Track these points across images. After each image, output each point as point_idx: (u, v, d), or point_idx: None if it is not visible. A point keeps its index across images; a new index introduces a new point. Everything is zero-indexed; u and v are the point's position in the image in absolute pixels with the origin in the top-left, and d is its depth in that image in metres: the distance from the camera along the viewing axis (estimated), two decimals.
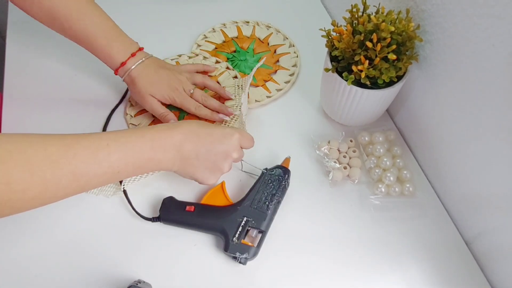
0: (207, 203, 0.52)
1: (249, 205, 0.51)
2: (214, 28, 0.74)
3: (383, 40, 0.47)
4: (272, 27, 0.74)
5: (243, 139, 0.51)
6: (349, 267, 0.50)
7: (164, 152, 0.46)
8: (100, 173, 0.41)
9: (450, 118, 0.50)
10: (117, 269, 0.49)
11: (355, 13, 0.50)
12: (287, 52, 0.71)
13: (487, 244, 0.50)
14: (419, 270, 0.50)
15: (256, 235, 0.50)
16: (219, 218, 0.50)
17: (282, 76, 0.68)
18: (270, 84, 0.67)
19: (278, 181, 0.53)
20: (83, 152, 0.40)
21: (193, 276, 0.49)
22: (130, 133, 0.45)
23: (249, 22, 0.75)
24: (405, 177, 0.55)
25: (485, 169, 0.47)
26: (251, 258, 0.49)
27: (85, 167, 0.40)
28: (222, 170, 0.49)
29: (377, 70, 0.49)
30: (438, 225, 0.54)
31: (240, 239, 0.49)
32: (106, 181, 0.43)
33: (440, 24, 0.47)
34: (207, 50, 0.71)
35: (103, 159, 0.41)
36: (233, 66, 0.68)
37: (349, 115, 0.57)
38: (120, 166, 0.43)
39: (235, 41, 0.72)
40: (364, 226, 0.53)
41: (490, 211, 0.48)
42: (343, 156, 0.57)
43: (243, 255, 0.48)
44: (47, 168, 0.38)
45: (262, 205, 0.51)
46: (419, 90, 0.55)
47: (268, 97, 0.65)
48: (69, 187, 0.40)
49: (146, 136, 0.45)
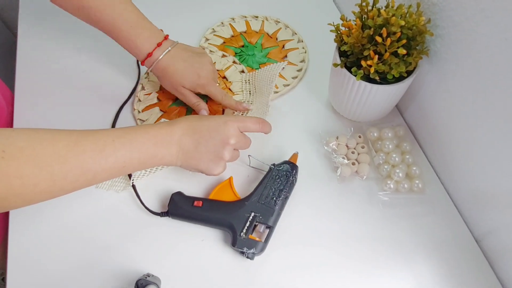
0: (215, 198, 0.53)
1: (257, 201, 0.51)
2: (223, 22, 0.74)
3: (393, 34, 0.47)
4: (281, 22, 0.74)
5: (245, 124, 0.51)
6: (357, 263, 0.50)
7: (167, 148, 0.47)
8: (107, 168, 0.43)
9: (460, 114, 0.50)
10: (126, 263, 0.50)
11: (364, 7, 0.50)
12: (296, 48, 0.71)
13: (497, 241, 0.49)
14: (428, 267, 0.50)
15: (263, 230, 0.50)
16: (226, 213, 0.51)
17: (290, 71, 0.68)
18: (277, 80, 0.66)
19: (285, 176, 0.53)
20: (91, 147, 0.42)
21: (200, 271, 0.50)
22: (135, 130, 0.46)
23: (258, 17, 0.75)
24: (414, 173, 0.55)
25: (496, 166, 0.46)
26: (258, 253, 0.49)
27: (92, 162, 0.41)
28: (223, 158, 0.50)
29: (386, 65, 0.48)
30: (448, 222, 0.53)
31: (247, 234, 0.49)
32: (112, 175, 0.44)
33: (451, 18, 0.46)
34: (215, 44, 0.71)
35: (109, 154, 0.43)
36: (241, 60, 0.68)
37: (357, 110, 0.57)
38: (126, 161, 0.44)
39: (244, 35, 0.72)
40: (373, 223, 0.53)
41: (501, 208, 0.47)
42: (352, 152, 0.57)
43: (250, 250, 0.48)
44: (55, 163, 0.39)
45: (270, 201, 0.51)
46: (430, 85, 0.54)
47: (275, 92, 0.65)
48: (76, 181, 0.41)
49: (150, 133, 0.47)
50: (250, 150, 0.55)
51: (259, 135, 0.56)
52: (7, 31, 1.15)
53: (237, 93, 0.64)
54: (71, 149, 0.40)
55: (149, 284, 0.44)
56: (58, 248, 0.51)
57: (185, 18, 0.75)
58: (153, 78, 0.66)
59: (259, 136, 0.57)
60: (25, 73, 0.67)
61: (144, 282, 0.44)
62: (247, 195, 0.52)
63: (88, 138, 0.42)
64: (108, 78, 0.67)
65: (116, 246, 0.51)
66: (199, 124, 0.50)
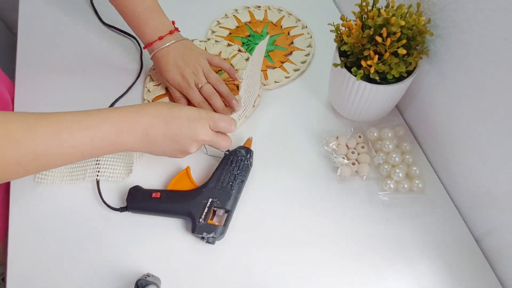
0: (173, 188, 0.53)
1: (214, 187, 0.52)
2: (226, 14, 0.75)
3: (393, 34, 0.47)
4: (283, 10, 0.76)
5: (217, 122, 0.50)
6: (357, 263, 0.50)
7: (129, 135, 0.45)
8: (62, 153, 0.41)
9: (460, 114, 0.50)
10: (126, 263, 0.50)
11: (364, 7, 0.50)
12: (301, 34, 0.72)
13: (497, 241, 0.49)
14: (428, 267, 0.50)
15: (223, 214, 0.52)
16: (184, 202, 0.51)
17: (298, 56, 0.69)
18: (287, 65, 0.68)
19: (240, 161, 0.54)
20: (44, 131, 0.40)
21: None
22: (95, 115, 0.44)
23: (260, 6, 0.76)
24: (414, 173, 0.55)
25: (496, 166, 0.46)
26: (219, 237, 0.50)
27: (46, 147, 0.40)
28: (189, 152, 0.50)
29: (386, 65, 0.48)
30: (448, 222, 0.53)
31: (206, 219, 0.50)
32: (69, 161, 0.43)
33: (451, 18, 0.46)
34: (222, 35, 0.72)
35: (65, 140, 0.41)
36: (248, 50, 0.70)
37: (357, 110, 0.57)
38: (84, 148, 0.42)
39: (249, 25, 0.74)
40: (373, 223, 0.53)
41: (501, 208, 0.47)
42: (352, 152, 0.57)
43: (210, 235, 0.49)
44: (7, 146, 0.38)
45: (227, 185, 0.52)
46: (430, 86, 0.54)
47: (286, 77, 0.66)
48: (30, 165, 0.40)
49: (110, 120, 0.44)
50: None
51: (258, 128, 0.56)
52: (7, 31, 1.15)
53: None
54: (25, 133, 0.39)
55: (149, 284, 0.44)
56: (58, 248, 0.51)
57: (188, 12, 0.76)
58: None
59: (254, 135, 0.57)
60: (25, 73, 0.67)
61: (144, 282, 0.44)
62: (204, 183, 0.53)
63: (43, 122, 0.40)
64: (109, 77, 0.67)
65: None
66: (170, 114, 0.48)
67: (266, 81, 0.66)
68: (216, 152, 0.58)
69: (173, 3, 0.76)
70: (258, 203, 0.54)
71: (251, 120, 0.62)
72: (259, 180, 0.56)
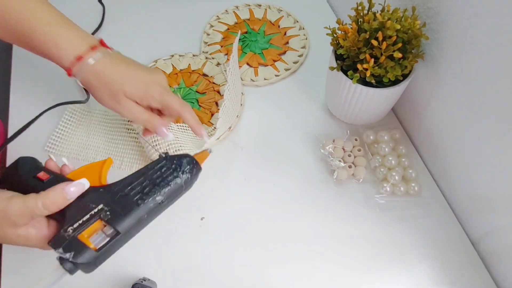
0: (74, 177, 0.38)
1: (117, 191, 0.37)
2: (227, 10, 0.76)
3: (388, 38, 0.47)
4: (283, 10, 0.77)
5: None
6: (353, 266, 0.50)
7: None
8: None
9: (456, 117, 0.50)
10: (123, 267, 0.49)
11: (360, 11, 0.50)
12: (297, 35, 0.73)
13: (493, 244, 0.49)
14: (425, 270, 0.50)
15: (110, 234, 0.35)
16: None
17: (291, 56, 0.70)
18: (279, 64, 0.69)
19: (173, 171, 0.38)
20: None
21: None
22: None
23: (261, 5, 0.77)
24: (410, 176, 0.55)
25: (491, 169, 0.46)
26: (83, 266, 0.34)
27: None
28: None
29: (382, 69, 0.49)
30: (444, 225, 0.53)
31: (78, 231, 0.34)
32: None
33: (446, 22, 0.47)
34: (220, 30, 0.73)
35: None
36: (243, 46, 0.71)
37: (354, 113, 0.57)
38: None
39: (247, 22, 0.75)
40: (369, 226, 0.53)
41: (497, 211, 0.47)
42: (348, 155, 0.57)
43: (66, 255, 0.33)
44: None
45: (134, 195, 0.36)
46: (425, 89, 0.54)
47: (276, 75, 0.67)
48: None
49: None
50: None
51: (254, 130, 0.55)
52: None
53: (223, 84, 0.65)
54: None
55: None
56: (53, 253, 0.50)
57: (191, 6, 0.76)
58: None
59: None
60: (21, 74, 0.67)
61: (140, 286, 0.44)
62: (112, 183, 0.38)
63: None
64: None
65: None
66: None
67: (256, 77, 0.66)
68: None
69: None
70: (254, 206, 0.54)
71: (243, 121, 0.62)
72: (255, 183, 0.56)
